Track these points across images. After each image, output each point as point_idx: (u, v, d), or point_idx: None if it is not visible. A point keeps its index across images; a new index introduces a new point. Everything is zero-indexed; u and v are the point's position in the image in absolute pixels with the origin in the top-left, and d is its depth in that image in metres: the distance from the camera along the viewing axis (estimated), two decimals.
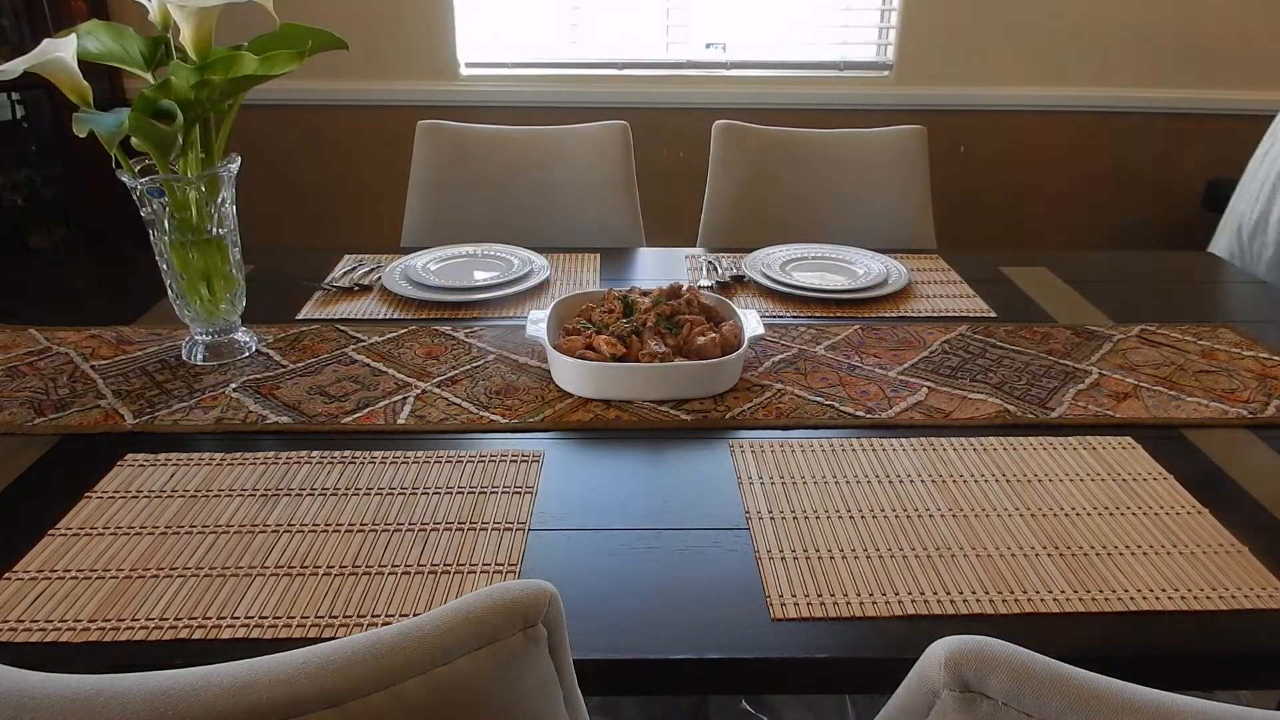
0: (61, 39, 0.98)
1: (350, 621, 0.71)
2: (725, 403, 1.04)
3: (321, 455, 0.93)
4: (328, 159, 2.75)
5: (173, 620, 0.71)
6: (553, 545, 0.80)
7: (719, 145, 1.83)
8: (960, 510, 0.85)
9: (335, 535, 0.81)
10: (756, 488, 0.88)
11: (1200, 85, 2.70)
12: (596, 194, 1.77)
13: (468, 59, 2.67)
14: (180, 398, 1.05)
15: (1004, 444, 0.96)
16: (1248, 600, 0.73)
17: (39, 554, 0.78)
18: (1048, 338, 1.21)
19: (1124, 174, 2.83)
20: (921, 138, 1.81)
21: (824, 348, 1.18)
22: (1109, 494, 0.87)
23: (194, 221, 1.07)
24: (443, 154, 1.78)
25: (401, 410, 1.02)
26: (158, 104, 0.98)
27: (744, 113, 2.00)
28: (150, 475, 0.89)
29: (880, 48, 2.73)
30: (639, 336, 1.08)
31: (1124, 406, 1.03)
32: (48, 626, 0.70)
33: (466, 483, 0.89)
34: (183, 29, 1.02)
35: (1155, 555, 0.79)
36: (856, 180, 1.82)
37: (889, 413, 1.02)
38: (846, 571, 0.77)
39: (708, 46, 2.71)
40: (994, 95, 2.71)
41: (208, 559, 0.78)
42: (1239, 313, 1.30)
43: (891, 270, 1.42)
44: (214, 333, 1.14)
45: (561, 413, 1.02)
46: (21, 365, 1.12)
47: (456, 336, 1.21)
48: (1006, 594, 0.74)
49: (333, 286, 1.38)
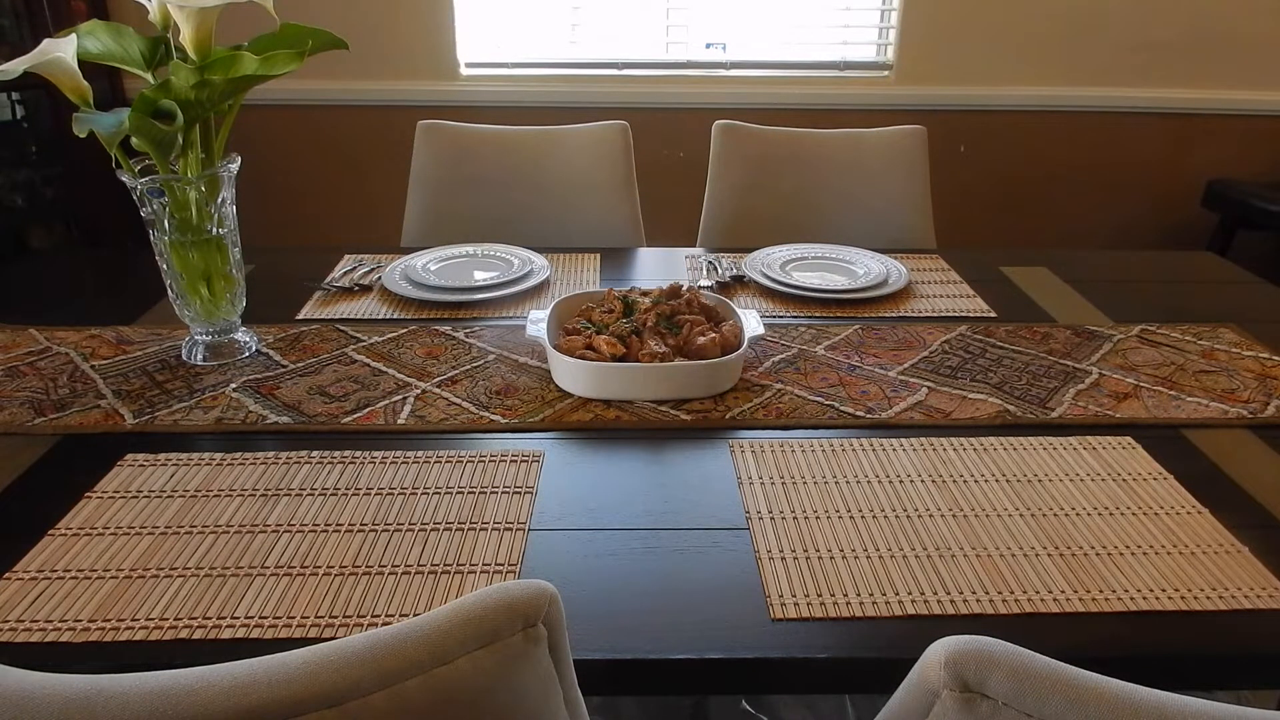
0: (61, 39, 0.98)
1: (350, 621, 0.71)
2: (725, 403, 1.04)
3: (321, 455, 0.93)
4: (328, 159, 2.75)
5: (173, 620, 0.71)
6: (553, 545, 0.80)
7: (719, 145, 1.83)
8: (960, 510, 0.85)
9: (335, 535, 0.81)
10: (756, 488, 0.88)
11: (1200, 85, 2.71)
12: (596, 194, 1.77)
13: (468, 59, 2.67)
14: (180, 398, 1.05)
15: (1004, 444, 0.96)
16: (1248, 600, 0.73)
17: (39, 554, 0.78)
18: (1048, 338, 1.21)
19: (1124, 174, 2.83)
20: (921, 138, 1.81)
21: (824, 348, 1.18)
22: (1109, 494, 0.87)
23: (194, 221, 1.07)
24: (443, 154, 1.77)
25: (401, 410, 1.02)
26: (158, 104, 0.98)
27: (744, 113, 2.00)
28: (150, 475, 0.89)
29: (880, 48, 2.73)
30: (639, 336, 1.08)
31: (1124, 406, 1.03)
32: (48, 626, 0.70)
33: (466, 483, 0.89)
34: (183, 29, 1.02)
35: (1155, 555, 0.79)
36: (856, 180, 1.82)
37: (889, 413, 1.02)
38: (846, 571, 0.77)
39: (708, 46, 2.71)
40: (994, 95, 2.71)
41: (208, 559, 0.78)
42: (1239, 313, 1.30)
43: (891, 270, 1.42)
44: (214, 333, 1.14)
45: (561, 413, 1.02)
46: (21, 365, 1.12)
47: (456, 336, 1.21)
48: (1006, 594, 0.74)
49: (333, 286, 1.38)
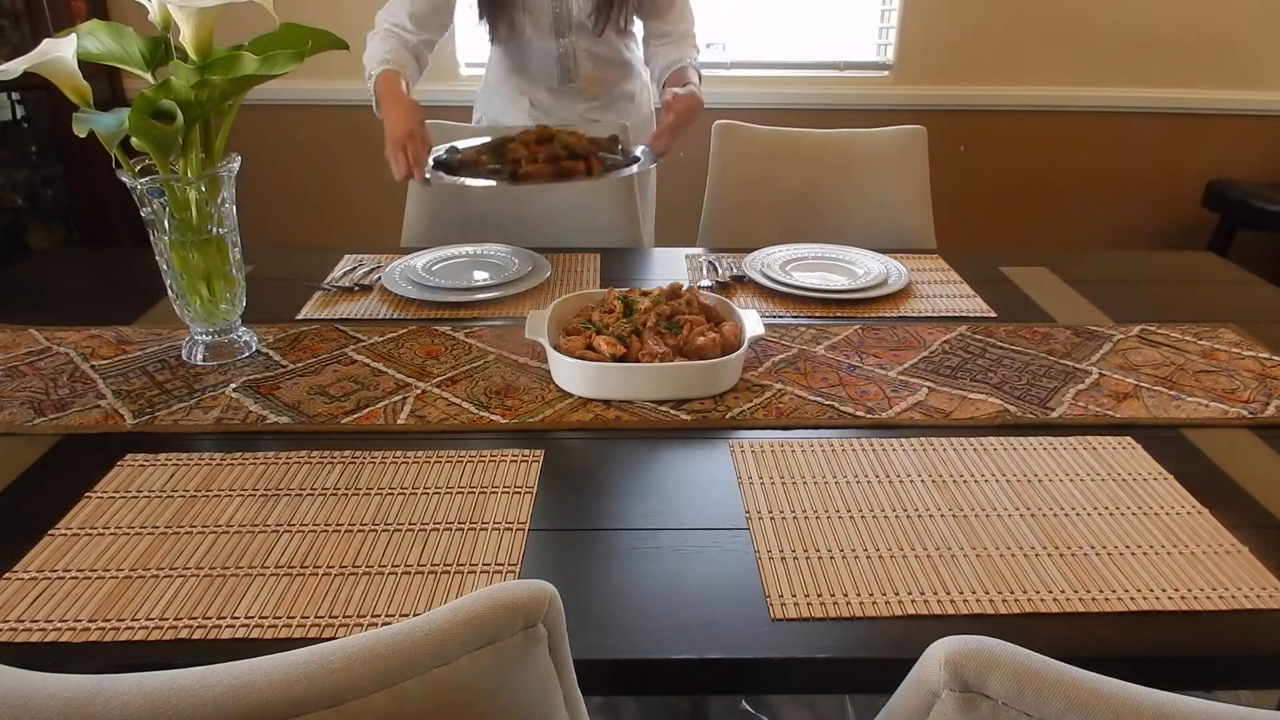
0: (61, 39, 0.98)
1: (350, 621, 0.71)
2: (725, 403, 1.04)
3: (321, 455, 0.93)
4: (328, 159, 2.75)
5: (173, 620, 0.71)
6: (553, 545, 0.80)
7: (719, 145, 1.83)
8: (960, 510, 0.85)
9: (335, 535, 0.81)
10: (756, 488, 0.88)
11: (1200, 85, 2.71)
12: (596, 194, 1.77)
13: (468, 59, 2.67)
14: (180, 398, 1.05)
15: (1004, 444, 0.96)
16: (1247, 600, 0.73)
17: (39, 554, 0.78)
18: (1048, 338, 1.21)
19: (1124, 174, 2.83)
20: (921, 138, 1.81)
21: (824, 348, 1.18)
22: (1109, 494, 0.87)
23: (194, 221, 1.07)
24: None
25: (401, 410, 1.02)
26: (158, 104, 0.98)
27: (744, 113, 2.00)
28: (150, 475, 0.90)
29: (880, 48, 2.73)
30: (639, 336, 1.08)
31: (1124, 406, 1.03)
32: (48, 626, 0.70)
33: (466, 483, 0.89)
34: (183, 29, 1.02)
35: (1155, 555, 0.79)
36: (856, 180, 1.82)
37: (889, 413, 1.02)
38: (846, 571, 0.77)
39: (708, 46, 2.71)
40: (994, 95, 2.72)
41: (208, 559, 0.78)
42: (1239, 313, 1.30)
43: (891, 270, 1.42)
44: (214, 333, 1.14)
45: (561, 413, 1.02)
46: (21, 365, 1.12)
47: (456, 336, 1.21)
48: (1006, 594, 0.74)
49: (333, 286, 1.38)
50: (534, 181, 1.19)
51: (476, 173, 1.27)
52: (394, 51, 1.54)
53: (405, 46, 1.55)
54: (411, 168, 1.34)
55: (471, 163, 1.29)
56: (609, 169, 1.28)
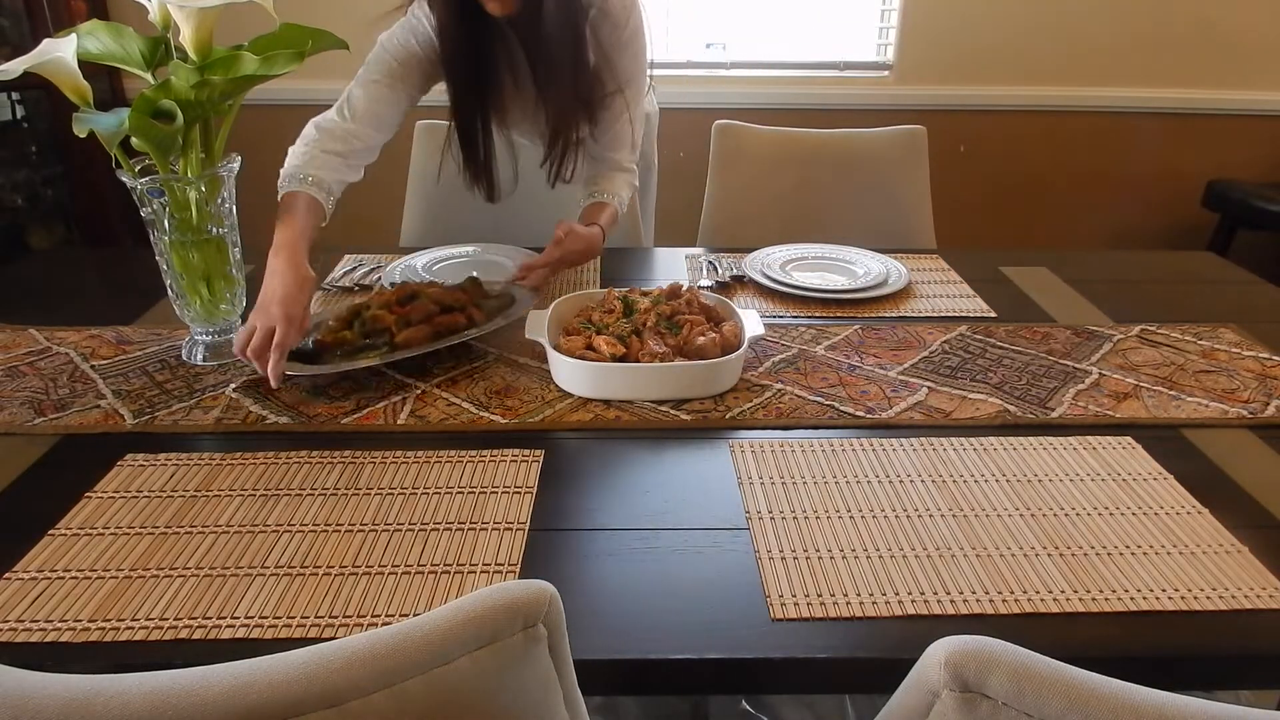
0: (61, 39, 0.98)
1: (350, 621, 0.71)
2: (725, 403, 1.04)
3: (321, 455, 0.93)
4: None
5: (173, 620, 0.71)
6: (553, 545, 0.80)
7: (719, 145, 1.83)
8: (960, 510, 0.85)
9: (335, 535, 0.81)
10: (756, 488, 0.88)
11: (1200, 85, 2.71)
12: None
13: None
14: (180, 398, 1.05)
15: (1004, 444, 0.96)
16: (1247, 600, 0.73)
17: (39, 554, 0.78)
18: (1048, 338, 1.21)
19: (1124, 174, 2.83)
20: (921, 138, 1.81)
21: (824, 348, 1.18)
22: (1109, 494, 0.87)
23: (194, 221, 1.07)
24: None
25: (402, 410, 1.02)
26: (158, 104, 0.98)
27: (744, 113, 2.00)
28: (150, 475, 0.89)
29: (880, 48, 2.73)
30: (639, 336, 1.08)
31: (1124, 406, 1.03)
32: (48, 626, 0.70)
33: (466, 483, 0.89)
34: (183, 29, 1.02)
35: (1155, 555, 0.79)
36: (856, 180, 1.82)
37: (889, 413, 1.02)
38: (846, 571, 0.77)
39: (708, 46, 2.71)
40: (994, 95, 2.71)
41: (208, 559, 0.78)
42: (1239, 313, 1.30)
43: (891, 270, 1.42)
44: (214, 333, 1.14)
45: (561, 413, 1.02)
46: (21, 365, 1.12)
47: None
48: (1006, 594, 0.74)
49: (333, 286, 1.38)
50: (415, 349, 1.08)
51: (351, 352, 1.09)
52: (323, 166, 1.32)
53: (341, 160, 1.36)
54: (262, 363, 1.03)
55: (334, 344, 1.10)
56: (491, 314, 1.17)
